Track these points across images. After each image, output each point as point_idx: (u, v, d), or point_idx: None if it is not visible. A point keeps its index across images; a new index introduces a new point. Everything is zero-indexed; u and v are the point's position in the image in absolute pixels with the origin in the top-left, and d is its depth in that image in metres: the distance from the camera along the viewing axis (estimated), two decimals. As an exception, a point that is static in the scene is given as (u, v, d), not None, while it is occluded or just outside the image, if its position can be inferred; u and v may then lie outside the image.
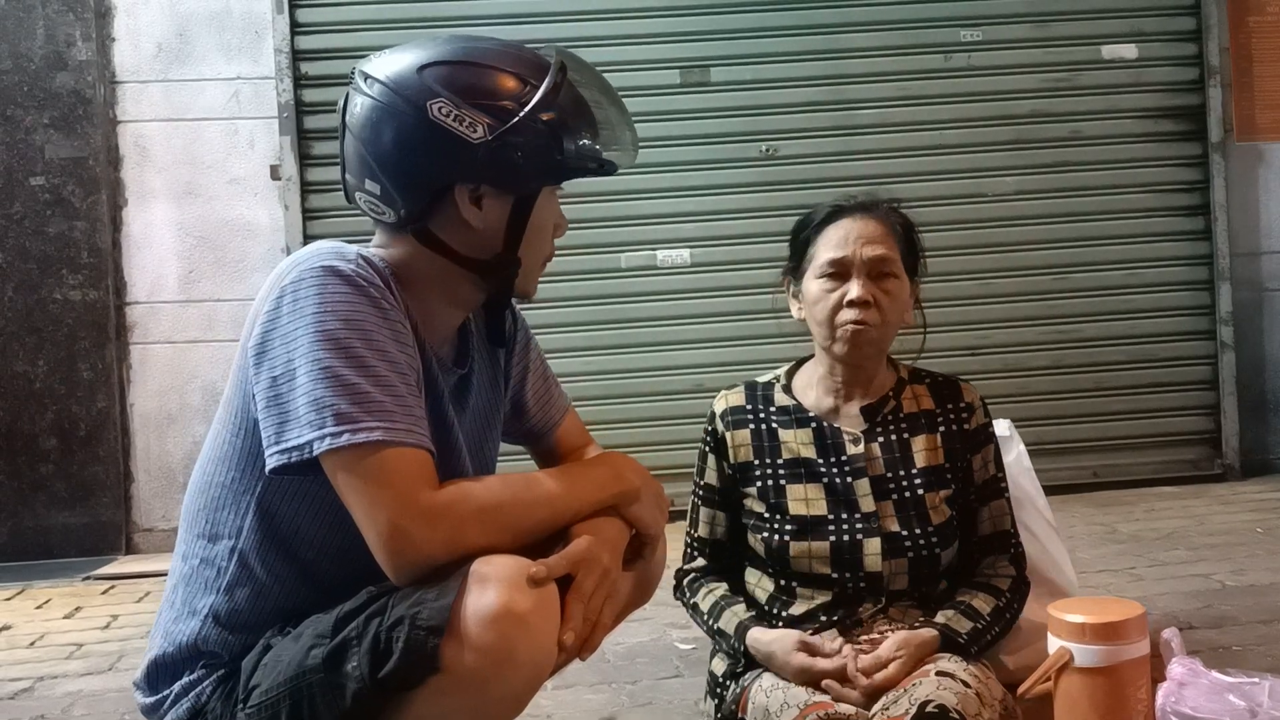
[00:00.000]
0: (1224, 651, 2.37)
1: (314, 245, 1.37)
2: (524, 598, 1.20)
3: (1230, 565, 3.11)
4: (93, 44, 4.14)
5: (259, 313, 1.31)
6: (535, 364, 1.68)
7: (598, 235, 4.27)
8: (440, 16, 4.22)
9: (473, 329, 1.55)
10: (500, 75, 1.35)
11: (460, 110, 1.31)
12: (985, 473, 1.82)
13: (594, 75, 1.47)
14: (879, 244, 1.75)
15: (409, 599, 1.21)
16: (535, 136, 1.34)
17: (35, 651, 2.96)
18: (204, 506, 1.38)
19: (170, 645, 1.38)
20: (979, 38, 4.44)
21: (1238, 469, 4.45)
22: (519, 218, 1.38)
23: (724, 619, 1.76)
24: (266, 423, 1.26)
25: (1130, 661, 1.57)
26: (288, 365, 1.25)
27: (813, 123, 4.40)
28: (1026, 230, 4.46)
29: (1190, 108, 4.51)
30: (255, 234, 4.24)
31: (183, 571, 1.40)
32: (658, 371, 4.34)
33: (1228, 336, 4.49)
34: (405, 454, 1.24)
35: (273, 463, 1.25)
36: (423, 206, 1.36)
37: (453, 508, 1.25)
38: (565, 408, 1.72)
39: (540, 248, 1.45)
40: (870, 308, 1.73)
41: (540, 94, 1.34)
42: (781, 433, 1.82)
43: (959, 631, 1.66)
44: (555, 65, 1.37)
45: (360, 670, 1.20)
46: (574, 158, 1.38)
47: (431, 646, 1.18)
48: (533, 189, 1.39)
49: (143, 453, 4.19)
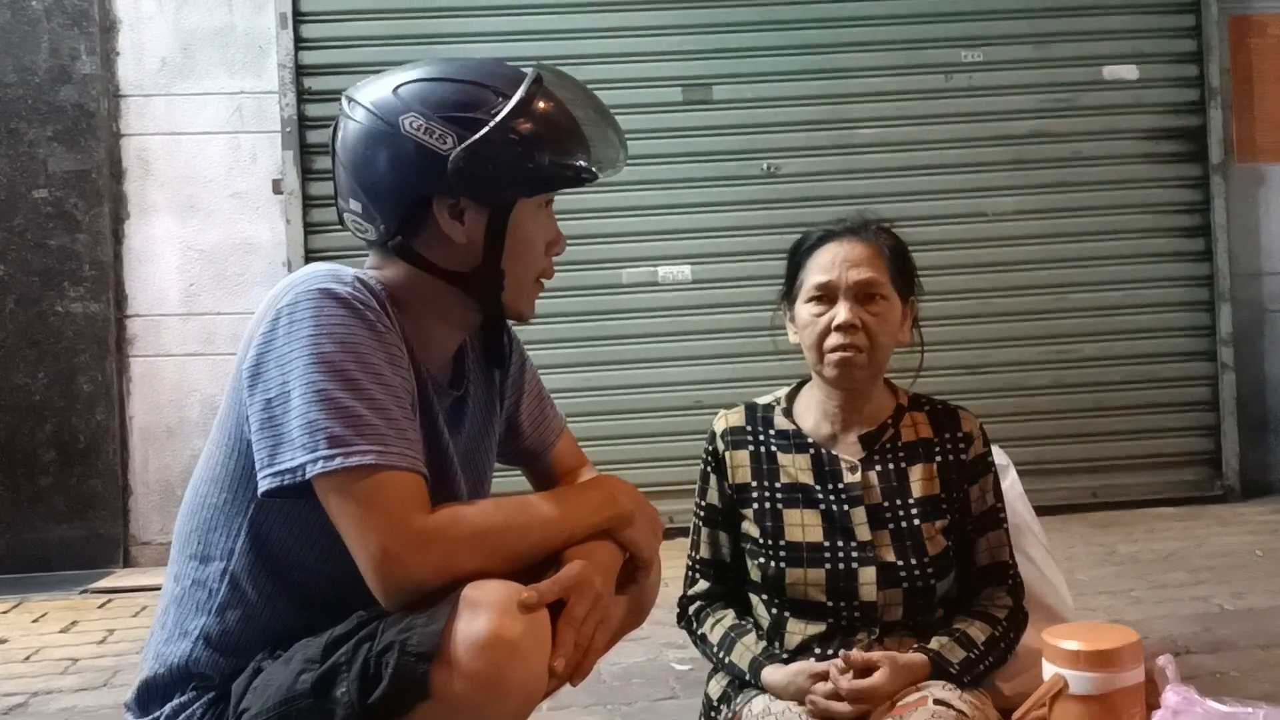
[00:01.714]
0: (1221, 677, 2.36)
1: (311, 267, 1.38)
2: (515, 624, 1.18)
3: (1229, 588, 3.11)
4: (97, 58, 4.16)
5: (254, 334, 1.31)
6: (530, 385, 1.67)
7: (599, 251, 4.28)
8: (441, 33, 4.25)
9: (469, 351, 1.55)
10: (473, 89, 1.36)
11: (430, 123, 1.33)
12: (983, 503, 1.81)
13: (576, 86, 1.46)
14: (865, 267, 1.75)
15: (399, 624, 1.20)
16: (505, 147, 1.34)
17: (30, 666, 2.95)
18: (196, 528, 1.38)
19: (161, 667, 1.38)
20: (980, 58, 4.46)
21: (1238, 490, 4.44)
22: (497, 229, 1.38)
23: (735, 652, 1.74)
24: (260, 445, 1.26)
25: (1125, 689, 1.57)
26: (282, 387, 1.25)
27: (814, 141, 4.42)
28: (1026, 250, 4.47)
29: (1191, 129, 4.52)
30: (257, 248, 4.25)
31: (174, 593, 1.40)
32: (657, 387, 4.35)
33: (1228, 357, 4.48)
34: (397, 478, 1.24)
35: (265, 485, 1.25)
36: (401, 221, 1.38)
37: (444, 532, 1.24)
38: (560, 428, 1.71)
39: (528, 263, 1.43)
40: (857, 331, 1.73)
41: (511, 105, 1.35)
42: (780, 456, 1.81)
43: (951, 661, 1.65)
44: (530, 78, 1.38)
45: (349, 696, 1.19)
46: (546, 167, 1.37)
47: (421, 673, 1.16)
48: (507, 199, 1.38)
49: (141, 466, 4.19)
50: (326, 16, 4.29)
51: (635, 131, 4.44)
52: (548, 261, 1.46)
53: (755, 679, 1.69)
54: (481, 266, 1.39)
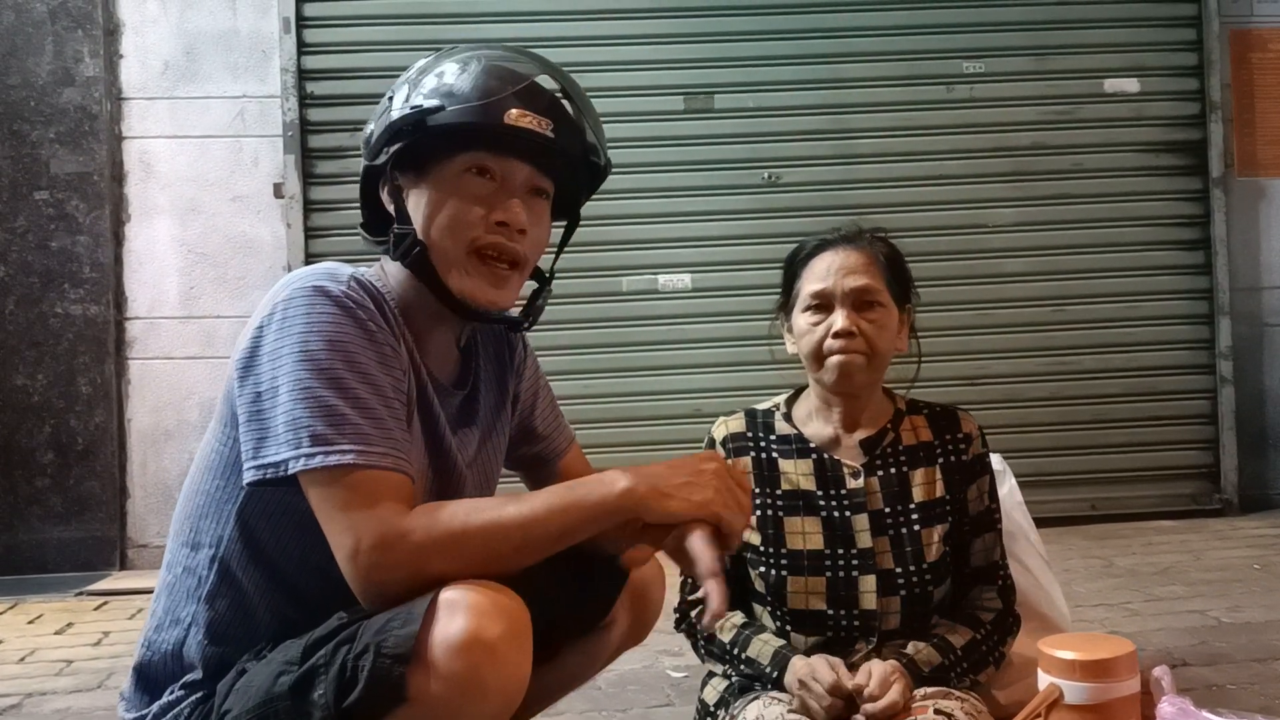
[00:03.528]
0: (1217, 690, 2.36)
1: (312, 266, 1.38)
2: (493, 625, 1.16)
3: (1226, 602, 3.10)
4: (100, 61, 4.17)
5: (251, 327, 1.32)
6: (544, 390, 1.68)
7: (599, 258, 4.28)
8: (443, 40, 4.21)
9: (479, 351, 1.56)
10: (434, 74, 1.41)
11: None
12: (980, 504, 1.81)
13: (522, 54, 1.44)
14: (861, 274, 1.75)
15: (377, 626, 1.18)
16: (386, 113, 1.40)
17: (25, 667, 2.94)
18: (189, 514, 1.39)
19: (153, 654, 1.39)
20: (981, 70, 4.47)
21: (1236, 504, 4.44)
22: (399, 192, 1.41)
23: (753, 647, 1.72)
24: (246, 437, 1.27)
25: (1120, 699, 1.56)
26: (271, 382, 1.26)
27: (815, 151, 4.43)
28: (1026, 261, 4.47)
29: (1191, 142, 4.53)
30: (257, 251, 4.26)
31: (167, 580, 1.41)
32: (657, 395, 4.35)
33: (1227, 371, 4.49)
34: (378, 477, 1.23)
35: (249, 477, 1.26)
36: (363, 209, 1.46)
37: (418, 533, 1.21)
38: (571, 438, 1.72)
39: (448, 229, 1.37)
40: (855, 338, 1.73)
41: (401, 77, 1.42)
42: (781, 463, 1.81)
43: (920, 672, 1.65)
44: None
45: (326, 699, 1.18)
46: (404, 116, 1.37)
47: (397, 675, 1.15)
48: (385, 155, 1.39)
49: (139, 468, 4.19)
50: (329, 22, 4.31)
51: (636, 140, 4.50)
52: (478, 233, 1.37)
53: (777, 670, 1.67)
54: (397, 231, 1.39)
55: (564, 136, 1.39)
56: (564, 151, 1.40)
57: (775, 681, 1.67)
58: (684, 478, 1.26)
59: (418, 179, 1.39)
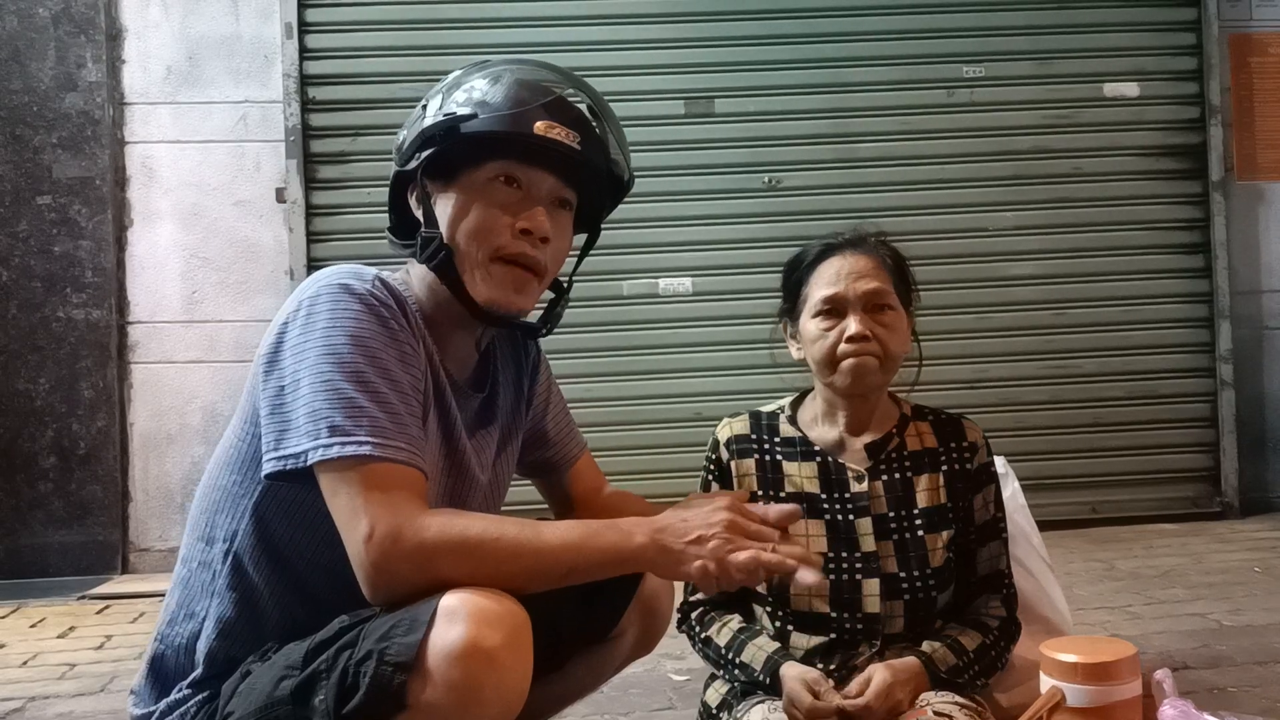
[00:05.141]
0: (1219, 693, 2.36)
1: (337, 265, 1.41)
2: (493, 634, 1.16)
3: (1228, 605, 3.10)
4: (103, 66, 4.18)
5: (277, 323, 1.35)
6: (556, 396, 1.70)
7: (600, 262, 4.24)
8: (446, 45, 4.26)
9: (498, 354, 1.57)
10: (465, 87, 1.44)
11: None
12: (986, 513, 1.81)
13: (543, 65, 1.50)
14: (871, 278, 1.75)
15: (379, 632, 1.19)
16: (418, 120, 1.44)
17: (27, 671, 2.95)
18: (205, 509, 1.40)
19: (166, 648, 1.40)
20: (981, 74, 4.48)
21: (1236, 507, 4.44)
22: (429, 196, 1.44)
23: (747, 652, 1.72)
24: (268, 429, 1.28)
25: (1122, 702, 1.57)
26: (294, 376, 1.28)
27: (816, 155, 4.44)
28: (1026, 265, 4.48)
29: (1191, 146, 4.54)
30: (259, 256, 4.26)
31: (181, 575, 1.42)
32: (658, 399, 4.35)
33: (1227, 374, 4.49)
34: (394, 470, 1.24)
35: (269, 468, 1.27)
36: (390, 212, 1.49)
37: (432, 530, 1.22)
38: (583, 445, 1.73)
39: (472, 234, 1.40)
40: (870, 341, 1.73)
41: (436, 88, 1.46)
42: (786, 465, 1.81)
43: (940, 669, 1.66)
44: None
45: (326, 704, 1.18)
46: (436, 124, 1.40)
47: (398, 683, 1.15)
48: (417, 160, 1.42)
49: (141, 473, 4.20)
50: (332, 27, 4.31)
51: (638, 144, 4.43)
52: (504, 239, 1.41)
53: (769, 676, 1.67)
54: (424, 234, 1.42)
55: (589, 149, 1.43)
56: (589, 164, 1.44)
57: (768, 689, 1.68)
58: (696, 531, 1.29)
59: (447, 185, 1.42)
